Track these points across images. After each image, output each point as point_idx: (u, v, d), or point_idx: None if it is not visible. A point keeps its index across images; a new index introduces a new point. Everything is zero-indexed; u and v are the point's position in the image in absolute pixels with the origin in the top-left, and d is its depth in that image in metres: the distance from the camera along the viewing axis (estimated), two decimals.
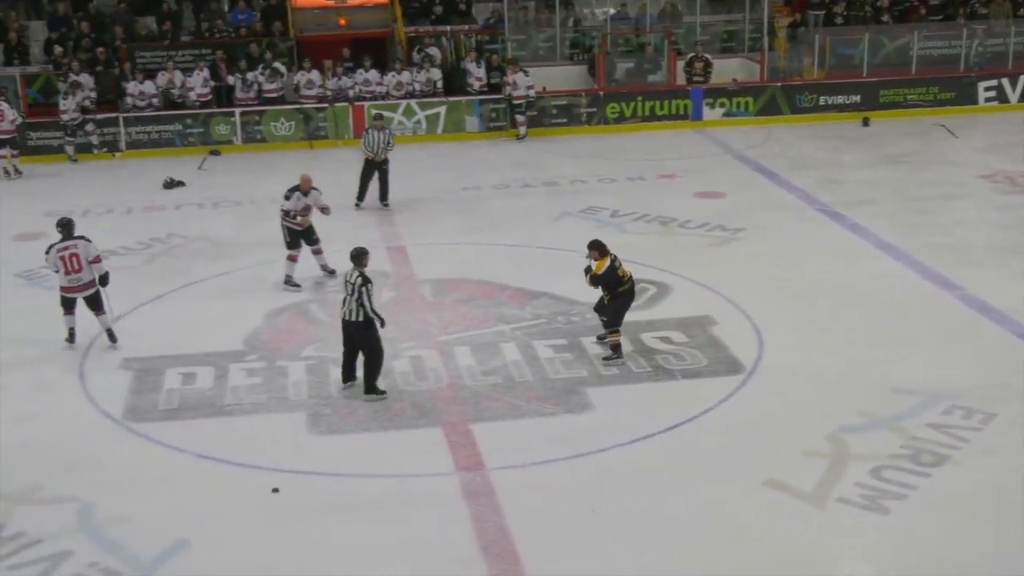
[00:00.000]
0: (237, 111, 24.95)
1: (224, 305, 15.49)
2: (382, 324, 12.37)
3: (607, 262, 13.21)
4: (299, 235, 16.14)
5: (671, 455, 11.37)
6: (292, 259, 16.07)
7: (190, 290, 16.24)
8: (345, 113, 25.13)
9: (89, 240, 14.28)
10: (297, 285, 15.88)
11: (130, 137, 24.62)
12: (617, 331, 13.34)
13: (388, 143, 19.60)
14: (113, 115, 24.61)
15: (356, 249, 12.53)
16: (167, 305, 15.69)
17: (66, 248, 14.10)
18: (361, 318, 12.22)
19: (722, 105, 26.24)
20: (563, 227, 18.63)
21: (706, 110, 26.19)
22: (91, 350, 14.14)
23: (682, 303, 15.11)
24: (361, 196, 19.77)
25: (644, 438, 11.64)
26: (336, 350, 13.00)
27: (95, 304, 14.25)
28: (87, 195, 21.49)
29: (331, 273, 16.17)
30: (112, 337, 14.28)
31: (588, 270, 13.34)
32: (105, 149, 24.30)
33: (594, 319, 14.27)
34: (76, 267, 14.08)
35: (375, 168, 19.70)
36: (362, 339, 12.30)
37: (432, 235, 18.48)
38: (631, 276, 13.42)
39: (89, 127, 24.12)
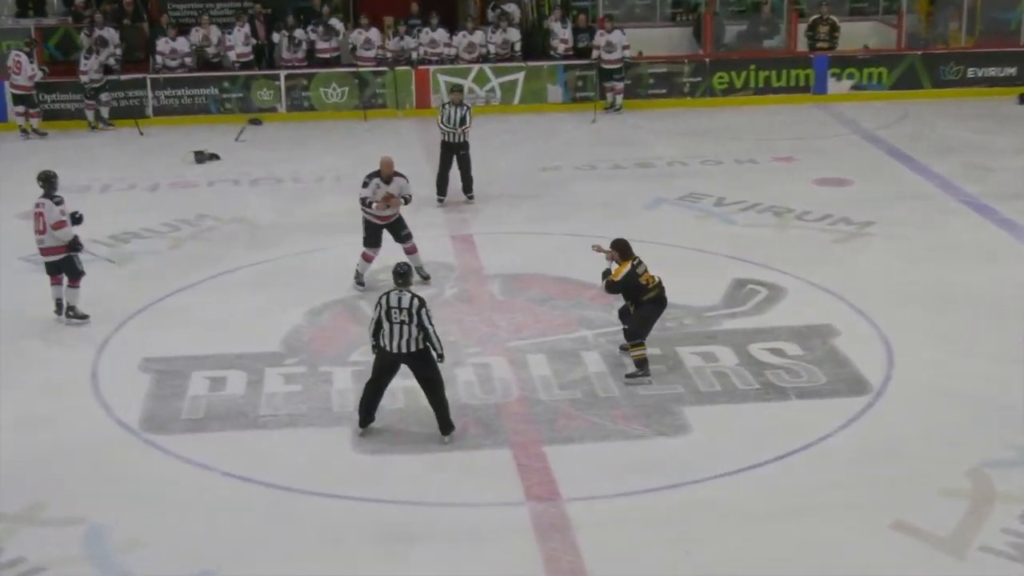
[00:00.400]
0: (282, 74, 25.09)
1: (261, 299, 15.55)
2: (441, 357, 12.01)
3: (627, 267, 13.13)
4: (378, 230, 15.76)
5: (782, 489, 11.20)
6: (366, 258, 15.81)
7: (222, 280, 16.32)
8: (407, 79, 25.16)
9: (59, 202, 14.58)
10: (362, 284, 15.80)
11: (158, 102, 24.85)
12: (641, 344, 13.21)
13: (465, 121, 18.94)
14: (139, 76, 24.84)
15: (401, 266, 12.14)
16: (195, 297, 15.76)
17: (37, 206, 14.58)
18: (421, 347, 11.89)
19: (850, 76, 25.94)
20: (658, 216, 18.52)
21: (831, 82, 25.92)
22: (106, 347, 14.25)
23: (798, 309, 14.96)
24: (442, 189, 19.17)
25: (750, 468, 11.50)
26: None
27: (69, 273, 14.66)
28: (107, 168, 21.70)
29: (426, 279, 15.86)
30: (58, 308, 14.77)
31: (607, 274, 13.28)
32: (111, 124, 24.38)
33: (694, 325, 14.29)
34: (40, 228, 14.54)
35: (453, 153, 19.09)
36: (425, 371, 11.95)
37: (504, 223, 18.46)
38: (659, 283, 13.32)
39: (104, 97, 24.24)
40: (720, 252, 16.77)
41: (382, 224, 15.79)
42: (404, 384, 12.54)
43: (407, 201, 15.89)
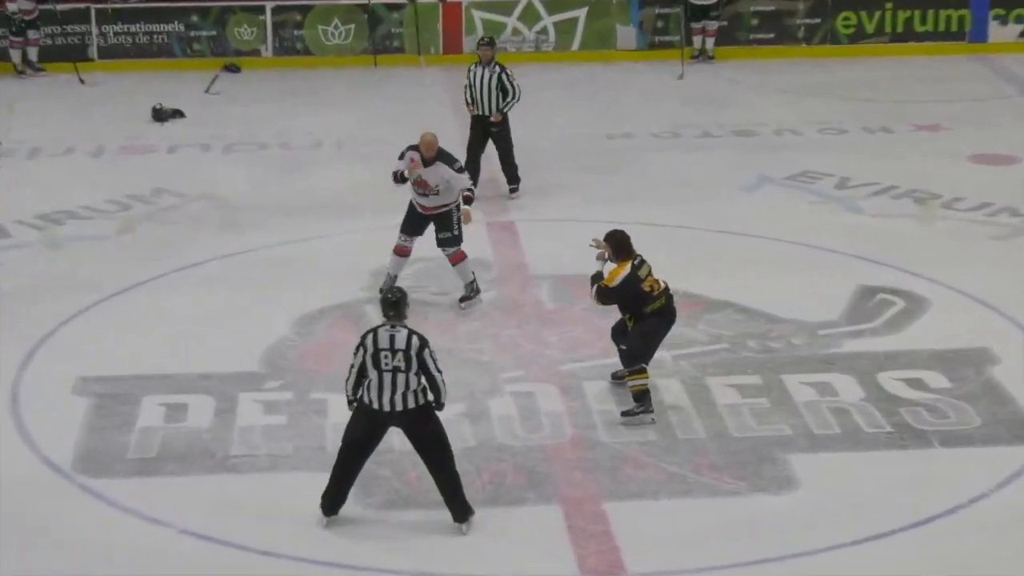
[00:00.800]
0: (268, 6, 25.14)
1: (235, 301, 15.61)
2: (440, 405, 11.46)
3: (625, 269, 13.01)
4: (419, 220, 15.52)
5: (921, 563, 11.14)
6: (397, 251, 15.64)
7: (185, 276, 16.39)
8: (432, 15, 25.16)
9: None
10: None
11: (105, 41, 24.97)
12: (643, 372, 13.11)
13: (502, 87, 18.44)
14: (82, 6, 24.93)
15: (393, 292, 11.58)
16: (149, 298, 15.82)
17: None
18: (421, 402, 11.36)
19: (1019, 20, 25.83)
20: (761, 201, 18.58)
21: (993, 27, 25.89)
22: (31, 361, 14.28)
23: (944, 327, 14.93)
24: (471, 177, 17.92)
25: (877, 537, 11.42)
26: None
27: None
28: (38, 125, 21.80)
29: (467, 300, 15.48)
30: None
31: (597, 278, 13.18)
32: (43, 69, 24.50)
33: (807, 346, 14.31)
34: None
35: (485, 132, 18.64)
36: (426, 434, 11.44)
37: (556, 206, 18.53)
38: (665, 289, 13.23)
39: (32, 33, 24.32)
40: (842, 250, 16.73)
41: (425, 216, 15.53)
42: None
43: (467, 200, 15.24)
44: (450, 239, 15.44)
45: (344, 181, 18.85)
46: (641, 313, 13.16)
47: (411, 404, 11.24)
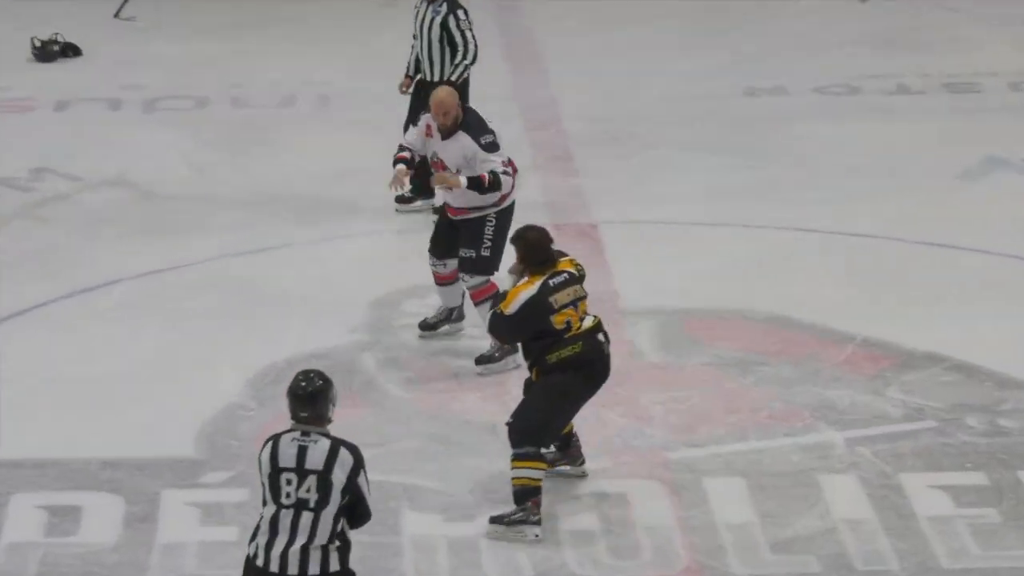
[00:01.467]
0: None
1: (159, 347, 15.70)
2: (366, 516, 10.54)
3: (533, 287, 12.83)
4: (449, 232, 15.44)
5: None
6: (437, 280, 15.62)
7: (80, 305, 16.53)
8: None
9: None
10: (432, 327, 15.71)
11: None
12: (533, 457, 12.83)
13: (449, 40, 18.08)
14: None
15: (310, 380, 10.33)
16: (24, 339, 15.96)
17: None
18: (334, 569, 10.17)
19: None
20: (988, 196, 18.72)
21: None
22: None
23: None
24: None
25: None
26: (408, 469, 12.78)
27: None
28: None
29: (487, 363, 15.30)
30: None
31: (500, 298, 13.34)
32: None
33: None
34: None
35: (425, 102, 17.68)
36: None
37: (662, 203, 18.58)
38: (593, 328, 13.03)
39: None
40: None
41: (455, 218, 15.46)
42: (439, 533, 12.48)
43: (482, 187, 14.87)
44: (472, 262, 15.17)
45: (330, 159, 18.84)
46: (544, 361, 12.88)
47: (313, 569, 10.08)
